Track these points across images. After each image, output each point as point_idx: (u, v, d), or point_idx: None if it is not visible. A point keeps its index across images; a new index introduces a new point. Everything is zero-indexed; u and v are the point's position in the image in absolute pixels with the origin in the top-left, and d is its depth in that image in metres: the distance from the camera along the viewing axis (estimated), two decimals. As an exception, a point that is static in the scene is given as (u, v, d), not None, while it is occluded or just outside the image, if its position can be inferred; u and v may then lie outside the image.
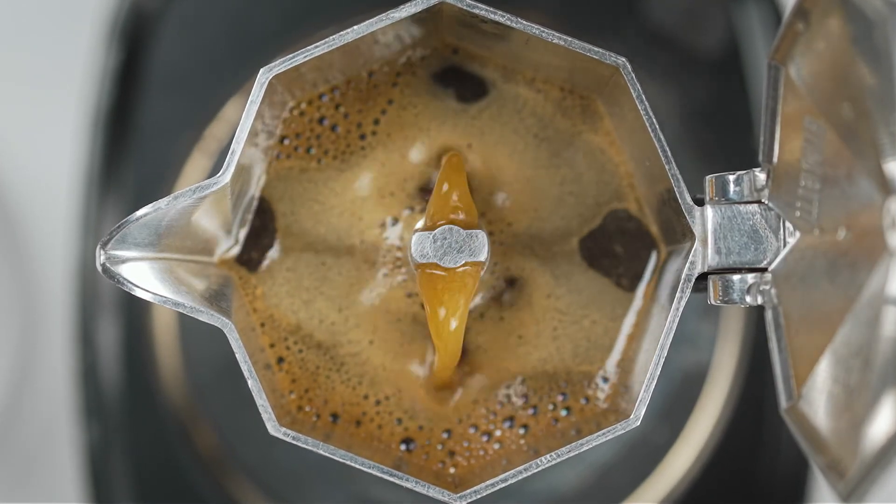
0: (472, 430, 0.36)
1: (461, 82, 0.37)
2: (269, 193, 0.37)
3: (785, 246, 0.33)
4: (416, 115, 0.37)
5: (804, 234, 0.33)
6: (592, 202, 0.37)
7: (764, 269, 0.34)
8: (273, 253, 0.37)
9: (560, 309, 0.37)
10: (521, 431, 0.36)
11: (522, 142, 0.37)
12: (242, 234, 0.36)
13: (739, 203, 0.34)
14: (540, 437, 0.36)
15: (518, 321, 0.37)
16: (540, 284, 0.37)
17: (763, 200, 0.34)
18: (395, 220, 0.37)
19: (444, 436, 0.36)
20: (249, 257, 0.37)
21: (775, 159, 0.33)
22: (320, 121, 0.36)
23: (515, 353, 0.37)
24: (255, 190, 0.36)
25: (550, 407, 0.36)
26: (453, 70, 0.37)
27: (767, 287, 0.33)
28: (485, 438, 0.36)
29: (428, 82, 0.37)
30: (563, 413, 0.36)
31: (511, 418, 0.36)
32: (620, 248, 0.37)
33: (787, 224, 0.33)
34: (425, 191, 0.37)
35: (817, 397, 0.32)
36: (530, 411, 0.36)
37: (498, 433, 0.36)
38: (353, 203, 0.37)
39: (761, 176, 0.34)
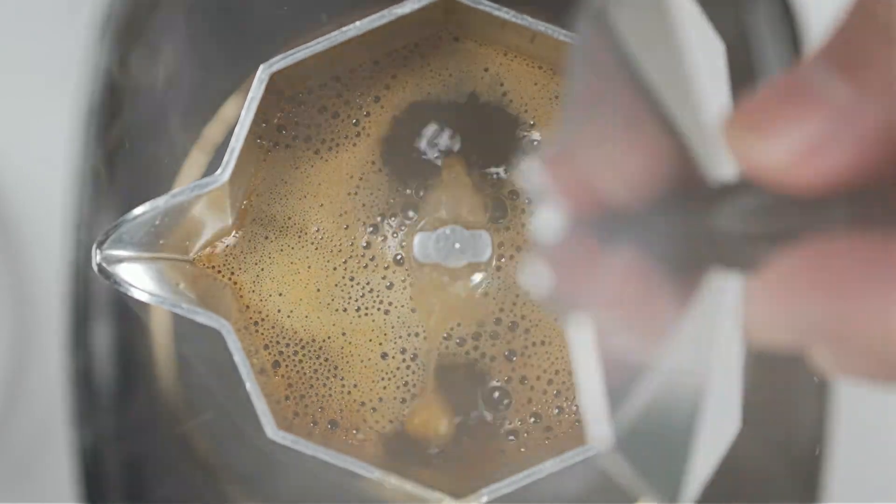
0: (510, 437, 0.35)
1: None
2: (260, 181, 0.36)
3: None
4: (418, 85, 0.36)
5: None
6: None
7: None
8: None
9: None
10: (546, 433, 0.35)
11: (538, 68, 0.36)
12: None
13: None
14: (563, 437, 0.35)
15: None
16: None
17: None
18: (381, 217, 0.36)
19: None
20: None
21: None
22: (321, 110, 0.36)
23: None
24: (250, 180, 0.36)
25: (575, 408, 0.35)
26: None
27: None
28: (511, 438, 0.35)
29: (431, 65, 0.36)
30: None
31: (538, 415, 0.35)
32: None
33: None
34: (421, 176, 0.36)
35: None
36: (555, 410, 0.35)
37: (525, 435, 0.35)
38: (321, 188, 0.36)
39: None
